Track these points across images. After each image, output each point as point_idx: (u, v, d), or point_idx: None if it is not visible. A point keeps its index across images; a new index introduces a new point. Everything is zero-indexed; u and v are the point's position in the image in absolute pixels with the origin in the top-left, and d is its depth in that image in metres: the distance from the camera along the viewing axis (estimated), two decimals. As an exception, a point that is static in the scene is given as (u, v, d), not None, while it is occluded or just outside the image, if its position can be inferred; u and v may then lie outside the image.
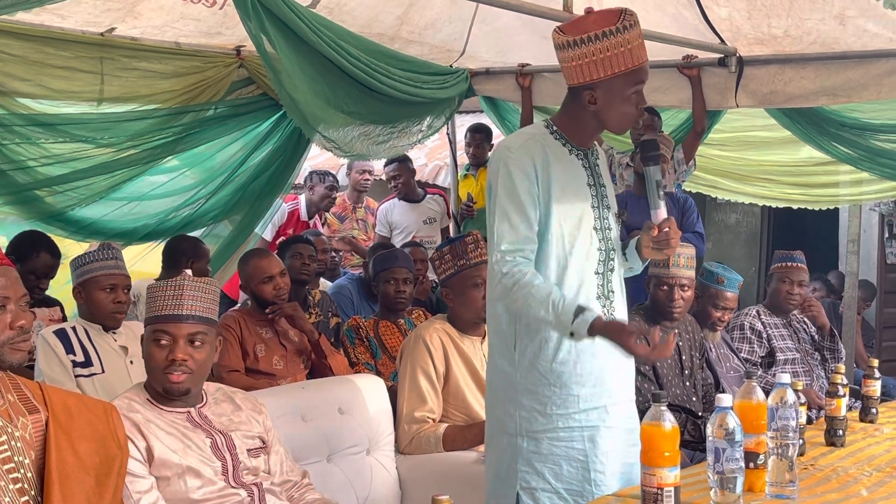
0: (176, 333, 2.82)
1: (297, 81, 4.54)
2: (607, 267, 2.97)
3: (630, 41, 2.81)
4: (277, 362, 4.43)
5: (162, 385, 2.83)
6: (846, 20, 4.82)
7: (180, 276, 2.92)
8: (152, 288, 2.89)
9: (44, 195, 4.91)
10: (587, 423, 2.91)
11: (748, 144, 6.68)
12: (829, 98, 5.28)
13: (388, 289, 5.02)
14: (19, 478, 2.23)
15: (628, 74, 2.84)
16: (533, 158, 2.88)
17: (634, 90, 2.88)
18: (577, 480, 2.90)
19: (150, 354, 2.83)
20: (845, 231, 7.40)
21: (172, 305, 2.83)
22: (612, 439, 2.94)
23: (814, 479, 2.89)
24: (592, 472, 2.90)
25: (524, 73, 6.14)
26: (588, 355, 2.89)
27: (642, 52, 2.86)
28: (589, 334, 2.72)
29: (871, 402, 3.71)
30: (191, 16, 4.81)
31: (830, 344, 5.30)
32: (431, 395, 3.89)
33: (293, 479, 3.05)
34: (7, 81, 4.54)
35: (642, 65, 2.86)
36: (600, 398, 2.92)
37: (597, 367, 2.91)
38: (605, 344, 2.82)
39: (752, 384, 2.69)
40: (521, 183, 2.85)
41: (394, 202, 7.19)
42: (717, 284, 4.71)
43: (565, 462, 2.91)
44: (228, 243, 5.73)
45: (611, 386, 2.95)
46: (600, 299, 2.94)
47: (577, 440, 2.91)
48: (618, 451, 2.94)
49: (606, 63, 2.81)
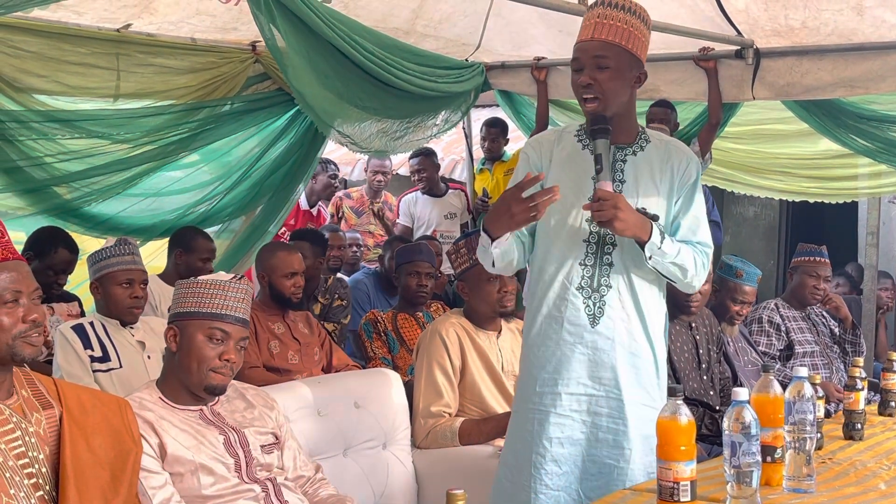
0: (232, 334, 2.83)
1: (306, 76, 4.55)
2: (600, 261, 2.93)
3: (587, 19, 2.90)
4: (293, 357, 4.44)
5: (203, 382, 2.81)
6: (864, 10, 4.78)
7: (237, 277, 2.89)
8: (203, 283, 2.85)
9: (61, 191, 4.94)
10: (540, 405, 2.96)
11: (765, 137, 6.63)
12: (847, 90, 5.25)
13: (411, 282, 5.03)
14: (34, 473, 2.24)
15: (574, 50, 2.92)
16: (540, 148, 3.02)
17: (574, 66, 2.90)
18: (523, 459, 2.97)
19: (199, 349, 2.79)
20: (864, 224, 7.35)
21: (233, 307, 2.83)
22: (567, 427, 2.93)
23: (832, 472, 2.87)
24: (534, 454, 2.94)
25: (540, 66, 6.13)
26: (552, 342, 2.94)
27: (585, 32, 2.88)
28: (484, 227, 2.84)
29: (890, 395, 3.69)
30: (206, 11, 4.83)
31: (852, 338, 5.27)
32: (448, 390, 3.89)
33: (306, 475, 3.05)
34: (24, 78, 4.56)
35: (578, 42, 2.90)
36: (555, 385, 2.94)
37: (559, 353, 2.93)
38: (576, 333, 2.92)
39: (770, 378, 2.67)
40: (522, 168, 3.02)
41: (416, 195, 7.20)
42: (736, 278, 4.69)
43: (517, 440, 3.02)
44: (245, 239, 5.74)
45: (576, 376, 2.94)
46: (583, 290, 2.92)
47: (528, 421, 2.98)
48: (575, 441, 2.94)
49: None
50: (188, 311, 2.84)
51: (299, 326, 4.56)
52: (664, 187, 2.96)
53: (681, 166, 2.97)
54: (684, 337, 4.33)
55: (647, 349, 2.99)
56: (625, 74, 2.87)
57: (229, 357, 2.82)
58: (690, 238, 2.96)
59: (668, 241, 2.87)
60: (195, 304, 2.83)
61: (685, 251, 2.91)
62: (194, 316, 2.82)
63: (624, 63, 2.86)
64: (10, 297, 2.24)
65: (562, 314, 2.93)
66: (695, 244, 2.96)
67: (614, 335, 2.93)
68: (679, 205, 2.98)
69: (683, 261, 2.90)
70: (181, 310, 2.86)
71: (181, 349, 2.83)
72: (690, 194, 2.98)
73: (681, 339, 4.30)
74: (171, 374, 2.86)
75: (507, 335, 4.06)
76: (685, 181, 2.97)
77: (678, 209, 2.98)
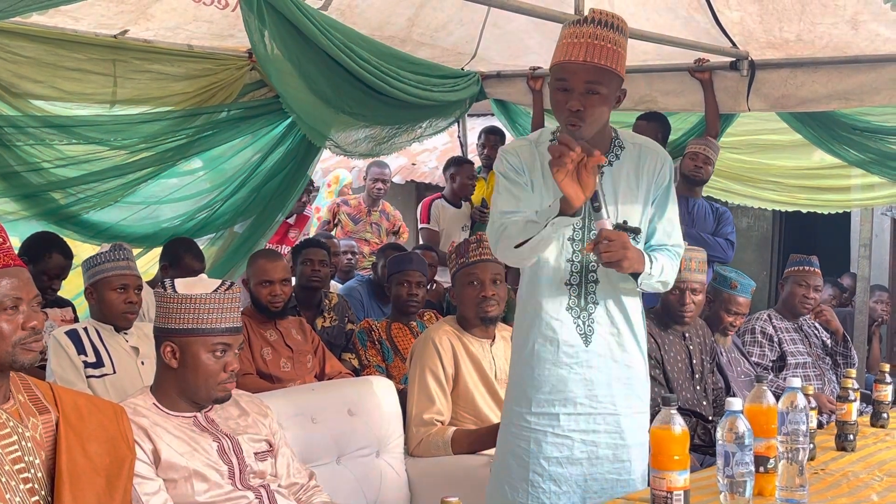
0: (232, 344, 2.83)
1: (294, 81, 4.56)
2: (585, 279, 2.92)
3: (568, 37, 2.80)
4: (285, 364, 4.44)
5: (214, 394, 2.82)
6: (858, 24, 4.81)
7: (226, 287, 2.86)
8: (197, 299, 2.80)
9: (57, 196, 4.93)
10: (537, 425, 2.94)
11: (759, 148, 6.66)
12: (842, 102, 5.27)
13: (401, 291, 5.03)
14: (30, 478, 2.24)
15: (553, 69, 2.84)
16: (520, 154, 2.96)
17: (559, 86, 2.80)
18: (517, 478, 2.96)
19: (206, 367, 2.78)
20: (857, 235, 7.38)
21: (229, 318, 2.82)
22: (566, 448, 2.92)
23: (824, 483, 2.88)
24: (531, 472, 2.93)
25: (535, 76, 6.15)
26: (548, 364, 2.92)
27: (576, 50, 2.76)
28: (562, 209, 2.66)
29: (882, 406, 3.70)
30: (203, 18, 4.83)
31: (844, 349, 5.28)
32: (440, 396, 3.89)
33: (300, 482, 3.05)
34: (21, 83, 4.57)
35: (565, 62, 2.78)
36: (552, 405, 2.93)
37: (555, 374, 2.92)
38: (572, 354, 2.90)
39: (763, 388, 2.68)
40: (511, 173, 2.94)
41: (442, 202, 6.97)
42: (730, 289, 4.71)
43: (511, 456, 2.99)
44: (239, 245, 5.73)
45: (573, 396, 2.92)
46: (572, 311, 2.91)
47: (522, 440, 2.96)
48: (575, 460, 2.93)
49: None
50: (186, 328, 2.78)
51: (292, 333, 4.56)
52: (641, 193, 2.96)
53: (655, 169, 2.96)
54: (678, 347, 4.34)
55: (638, 358, 3.00)
56: (611, 98, 2.82)
57: (233, 367, 2.84)
58: (665, 242, 2.97)
59: (656, 264, 2.89)
60: (192, 320, 2.78)
61: (666, 265, 2.92)
62: (193, 333, 2.78)
63: (613, 88, 2.81)
64: (11, 304, 2.24)
65: (556, 335, 2.92)
66: (669, 248, 2.98)
67: (608, 352, 2.93)
68: (654, 208, 2.98)
69: (665, 276, 2.93)
70: (176, 326, 2.79)
71: (185, 367, 2.80)
72: (665, 197, 2.98)
73: (674, 350, 4.31)
74: (168, 384, 2.85)
75: (501, 343, 4.06)
76: (660, 184, 2.97)
77: (654, 213, 2.98)
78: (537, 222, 2.72)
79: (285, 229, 6.64)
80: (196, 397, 2.84)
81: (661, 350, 4.25)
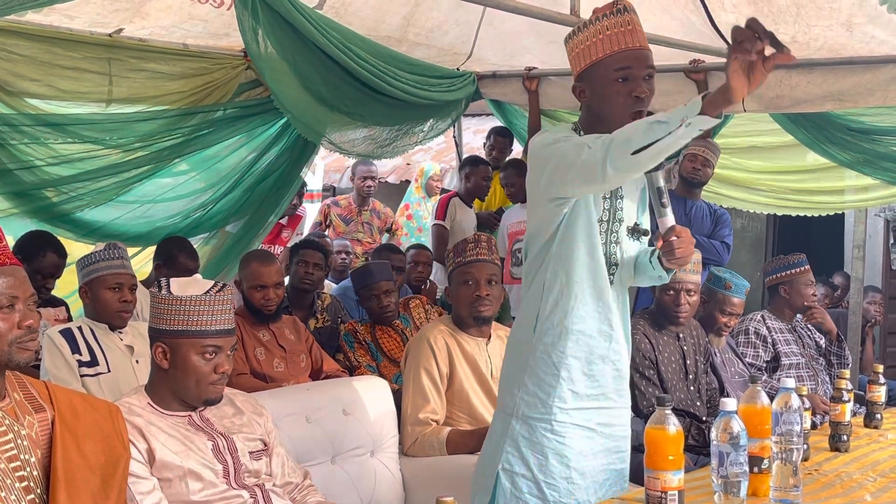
0: (224, 346, 2.83)
1: (288, 79, 4.55)
2: (611, 280, 2.90)
3: (609, 28, 2.74)
4: (278, 364, 4.43)
5: (204, 395, 2.83)
6: (853, 27, 4.81)
7: (217, 288, 2.86)
8: (187, 301, 2.80)
9: (51, 195, 4.92)
10: (584, 422, 2.87)
11: (752, 150, 6.66)
12: (836, 103, 5.28)
13: (373, 305, 5.08)
14: (25, 476, 2.24)
15: (607, 60, 2.75)
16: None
17: (620, 76, 2.74)
18: (559, 476, 2.85)
19: (196, 368, 2.78)
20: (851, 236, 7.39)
21: (221, 319, 2.82)
22: (595, 442, 2.90)
23: (818, 484, 2.89)
24: (574, 472, 2.85)
25: (531, 76, 6.15)
26: (580, 359, 2.84)
27: (629, 37, 2.74)
28: (709, 108, 2.45)
29: (875, 407, 3.72)
30: (198, 17, 4.82)
31: (838, 350, 5.29)
32: (434, 396, 3.89)
33: (294, 481, 3.05)
34: (15, 81, 4.55)
35: (625, 50, 2.74)
36: (599, 400, 2.89)
37: (593, 370, 2.86)
38: (608, 348, 2.85)
39: (757, 388, 2.69)
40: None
41: (457, 199, 6.86)
42: (725, 290, 4.71)
43: (553, 456, 2.85)
44: (232, 245, 5.73)
45: (610, 390, 2.91)
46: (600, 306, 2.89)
47: (569, 437, 2.85)
48: (601, 455, 2.92)
49: (585, 53, 2.78)
50: (176, 329, 2.79)
51: (285, 333, 4.55)
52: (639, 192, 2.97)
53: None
54: (672, 348, 4.35)
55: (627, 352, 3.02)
56: None
57: (224, 369, 2.83)
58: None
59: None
60: (182, 322, 2.79)
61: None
62: (183, 334, 2.79)
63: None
64: (7, 303, 2.24)
65: (593, 331, 2.85)
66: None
67: (623, 347, 2.93)
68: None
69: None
70: (167, 327, 2.80)
71: (176, 367, 2.80)
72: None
73: (668, 350, 4.32)
74: (161, 383, 2.85)
75: (497, 342, 4.06)
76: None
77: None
78: (666, 122, 2.49)
79: (278, 230, 6.63)
80: (186, 398, 2.84)
81: (655, 350, 4.26)
